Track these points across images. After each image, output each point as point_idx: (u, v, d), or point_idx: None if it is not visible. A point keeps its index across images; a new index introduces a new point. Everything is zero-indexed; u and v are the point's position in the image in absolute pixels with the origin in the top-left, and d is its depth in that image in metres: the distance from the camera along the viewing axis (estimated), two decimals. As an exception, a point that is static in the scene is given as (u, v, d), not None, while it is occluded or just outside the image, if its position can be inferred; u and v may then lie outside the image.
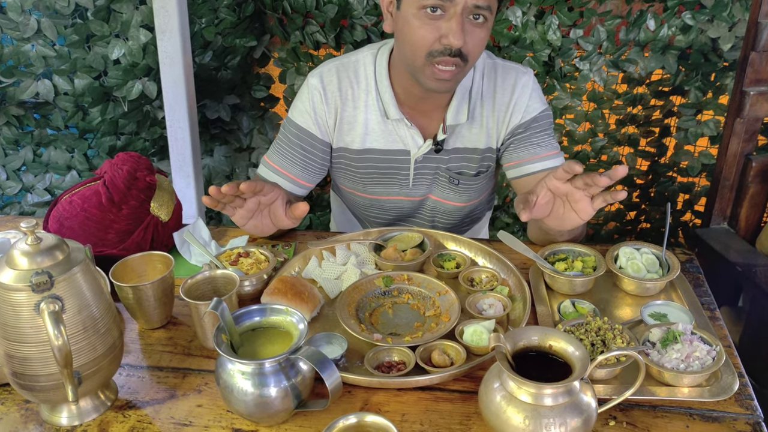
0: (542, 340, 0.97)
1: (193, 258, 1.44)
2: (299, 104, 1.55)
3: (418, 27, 1.32)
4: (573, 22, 2.26)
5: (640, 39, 2.28)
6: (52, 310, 0.90)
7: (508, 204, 2.65)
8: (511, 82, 1.52)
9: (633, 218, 2.68)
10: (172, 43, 2.17)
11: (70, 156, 2.53)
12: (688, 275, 1.36)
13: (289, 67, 2.44)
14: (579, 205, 1.23)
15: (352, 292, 1.27)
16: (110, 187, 1.40)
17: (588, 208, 1.22)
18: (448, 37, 1.30)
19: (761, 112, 1.86)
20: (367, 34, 2.33)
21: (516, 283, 1.31)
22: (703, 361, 1.05)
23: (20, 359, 0.96)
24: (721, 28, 2.21)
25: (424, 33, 1.32)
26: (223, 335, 0.99)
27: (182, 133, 2.29)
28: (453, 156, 1.55)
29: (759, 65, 1.81)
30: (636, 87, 2.39)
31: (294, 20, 2.34)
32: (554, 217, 1.28)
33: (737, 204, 2.00)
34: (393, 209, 1.66)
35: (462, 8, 1.28)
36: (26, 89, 2.33)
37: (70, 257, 0.97)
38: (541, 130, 1.54)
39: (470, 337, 1.14)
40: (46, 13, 2.22)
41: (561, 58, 2.33)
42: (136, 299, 1.19)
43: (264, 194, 1.31)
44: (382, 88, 1.50)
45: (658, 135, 2.49)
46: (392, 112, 1.49)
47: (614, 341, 1.08)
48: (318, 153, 1.56)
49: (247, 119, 2.56)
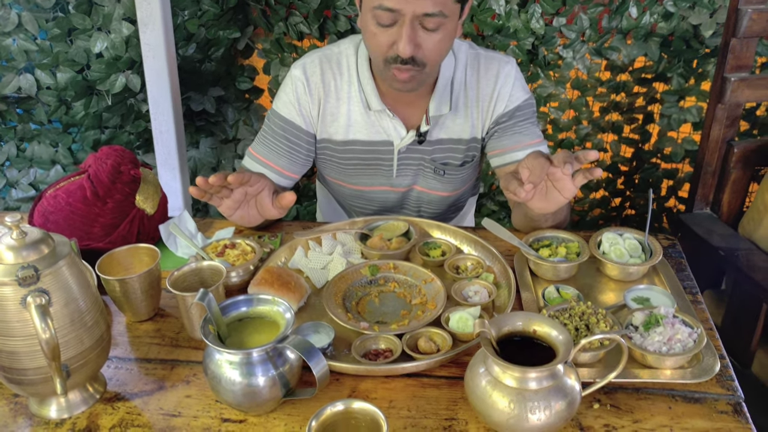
0: (526, 325, 0.98)
1: (179, 250, 1.45)
2: (283, 95, 1.55)
3: (372, 34, 1.34)
4: (556, 10, 2.27)
5: (622, 27, 2.29)
6: (39, 303, 0.90)
7: (494, 191, 2.66)
8: (494, 72, 1.52)
9: (618, 205, 2.70)
10: (155, 35, 2.16)
11: (54, 150, 2.51)
12: (671, 260, 1.38)
13: (273, 58, 2.44)
14: (560, 184, 1.23)
15: (338, 281, 1.28)
16: (95, 181, 1.40)
17: (569, 185, 1.22)
18: (398, 46, 1.31)
19: (742, 98, 1.88)
20: (350, 24, 2.33)
21: (501, 269, 1.32)
22: (684, 343, 1.07)
23: (8, 353, 0.96)
24: (703, 14, 2.23)
25: (377, 40, 1.34)
26: (210, 326, 1.00)
27: (167, 126, 2.28)
28: (437, 147, 1.56)
29: (740, 51, 1.82)
30: (619, 74, 2.41)
31: (277, 11, 2.34)
32: (539, 198, 1.27)
33: (719, 189, 2.02)
34: (378, 200, 1.67)
35: (410, 19, 1.29)
36: (8, 84, 2.31)
37: (56, 251, 0.97)
38: (525, 118, 1.55)
39: (456, 323, 1.15)
40: (27, 7, 2.20)
41: (544, 47, 2.34)
42: (123, 292, 1.20)
43: (251, 185, 1.31)
44: (364, 80, 1.50)
45: (642, 122, 2.51)
46: (374, 103, 1.50)
47: (598, 325, 1.10)
48: (303, 144, 1.56)
49: (232, 111, 2.56)
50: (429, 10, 1.28)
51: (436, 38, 1.33)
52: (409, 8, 1.27)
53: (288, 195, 1.31)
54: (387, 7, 1.28)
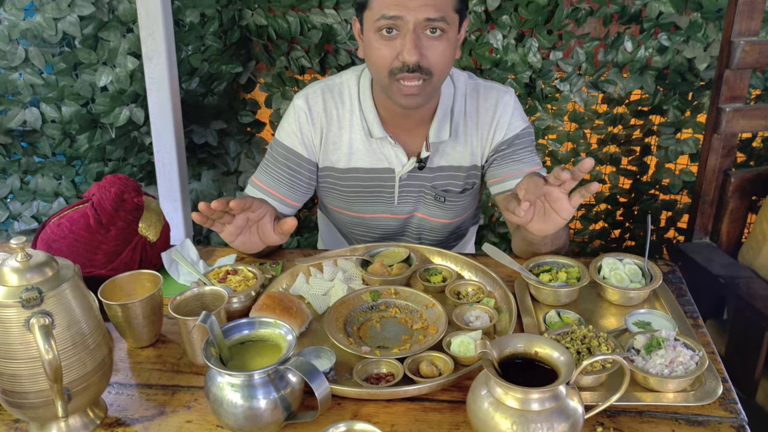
0: (528, 347, 0.98)
1: (181, 277, 1.45)
2: (286, 125, 1.58)
3: (377, 48, 1.37)
4: (552, 44, 2.31)
5: (618, 60, 2.34)
6: (43, 324, 0.91)
7: (494, 223, 2.68)
8: (493, 101, 1.55)
9: (618, 236, 2.71)
10: (159, 69, 2.20)
11: (58, 183, 2.53)
12: (671, 285, 1.38)
13: (274, 91, 2.48)
14: (558, 204, 1.24)
15: (339, 306, 1.28)
16: (98, 209, 1.41)
17: (566, 205, 1.24)
18: (403, 53, 1.34)
19: (737, 128, 1.91)
20: (351, 58, 2.37)
21: (502, 295, 1.32)
22: (686, 366, 1.07)
23: (9, 376, 0.96)
24: (697, 48, 2.28)
25: (382, 53, 1.37)
26: (212, 348, 1.00)
27: (169, 158, 2.31)
28: (438, 174, 1.58)
29: (734, 83, 1.86)
30: (616, 107, 2.44)
31: (279, 46, 2.38)
32: (537, 221, 1.29)
33: (718, 219, 2.04)
34: (380, 227, 1.68)
35: (413, 24, 1.33)
36: (13, 117, 2.34)
37: (60, 274, 0.98)
38: (524, 146, 1.57)
39: (457, 347, 1.15)
40: (34, 42, 2.24)
41: (542, 80, 2.38)
42: (125, 317, 1.20)
43: (252, 210, 1.32)
44: (365, 108, 1.53)
45: (639, 153, 2.53)
46: (376, 130, 1.52)
47: (599, 349, 1.10)
48: (305, 172, 1.58)
49: (234, 144, 2.58)
50: (431, 15, 1.32)
51: (441, 46, 1.36)
52: (410, 15, 1.31)
53: (289, 220, 1.32)
54: (389, 16, 1.32)
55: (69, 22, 2.21)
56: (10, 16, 2.20)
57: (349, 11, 2.29)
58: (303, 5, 2.30)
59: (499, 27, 2.30)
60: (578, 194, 1.21)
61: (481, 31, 2.32)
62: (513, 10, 2.27)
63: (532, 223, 1.30)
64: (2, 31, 2.21)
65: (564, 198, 1.23)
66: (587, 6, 2.27)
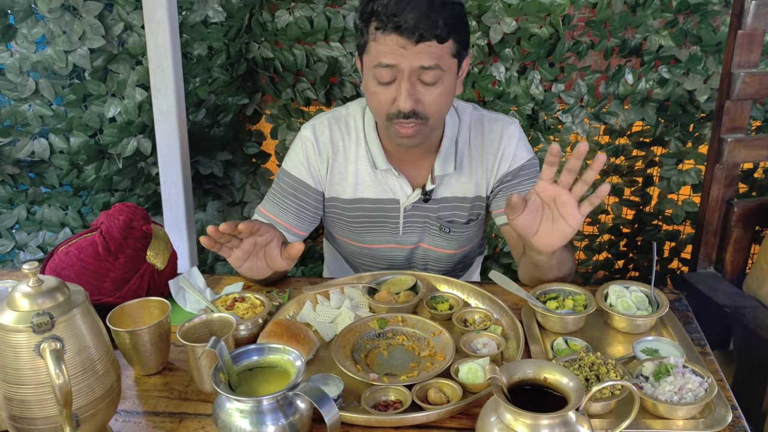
0: (537, 373, 0.98)
1: (188, 305, 1.45)
2: (293, 155, 1.59)
3: (374, 92, 1.40)
4: (554, 76, 2.34)
5: (619, 92, 2.37)
6: (54, 349, 0.91)
7: (498, 254, 2.68)
8: (498, 132, 1.57)
9: (621, 267, 2.71)
10: (167, 101, 2.23)
11: (64, 213, 2.55)
12: (677, 313, 1.39)
13: (280, 123, 2.51)
14: (566, 210, 1.24)
15: (347, 334, 1.28)
16: (107, 237, 1.42)
17: (575, 212, 1.24)
18: (398, 101, 1.37)
19: (739, 158, 1.92)
20: (356, 90, 2.41)
21: (509, 322, 1.32)
22: (696, 392, 1.07)
23: (18, 402, 0.96)
24: (697, 80, 2.31)
25: (379, 98, 1.39)
26: (221, 374, 1.00)
27: (176, 189, 2.33)
28: (442, 205, 1.59)
29: (734, 113, 1.88)
30: (618, 138, 2.47)
31: (285, 78, 2.42)
32: (545, 232, 1.28)
33: (722, 248, 2.04)
34: (386, 257, 1.68)
35: (408, 72, 1.34)
36: (22, 148, 2.37)
37: (71, 299, 0.99)
38: (529, 177, 1.59)
39: (466, 374, 1.15)
40: (44, 74, 2.28)
41: (544, 112, 2.41)
42: (133, 344, 1.20)
43: (260, 234, 1.33)
44: (370, 140, 1.55)
45: (642, 184, 2.55)
46: (380, 162, 1.54)
47: (608, 375, 1.10)
48: (311, 202, 1.60)
49: (240, 174, 2.61)
50: (425, 63, 1.33)
51: (435, 92, 1.38)
52: (405, 63, 1.33)
53: (296, 244, 1.33)
54: (385, 64, 1.34)
55: (79, 55, 2.25)
56: (21, 49, 2.24)
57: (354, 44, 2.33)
58: (309, 38, 2.34)
59: (501, 60, 2.34)
60: (588, 202, 1.22)
61: (484, 63, 2.36)
62: (515, 44, 2.31)
63: (539, 235, 1.29)
64: (14, 63, 2.25)
65: (572, 203, 1.23)
66: (588, 39, 2.31)
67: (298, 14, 2.31)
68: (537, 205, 1.28)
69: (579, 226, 1.27)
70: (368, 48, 1.38)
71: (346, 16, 2.32)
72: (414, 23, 1.30)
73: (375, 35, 1.35)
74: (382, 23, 1.33)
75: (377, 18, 1.34)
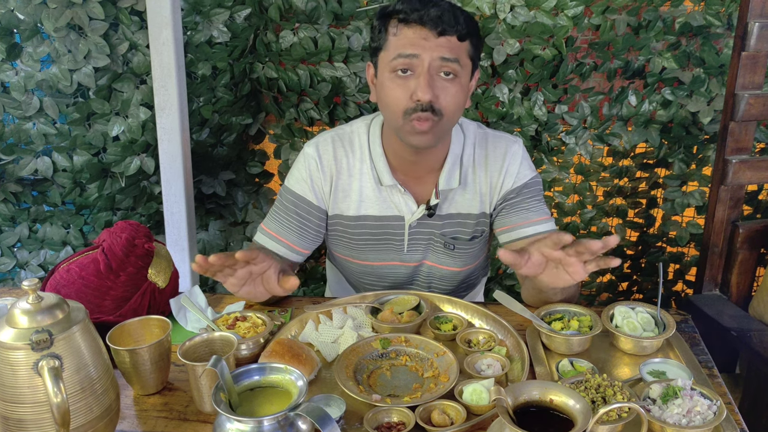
0: (543, 395, 0.96)
1: (189, 324, 1.44)
2: (296, 172, 1.59)
3: (391, 89, 1.41)
4: (558, 98, 2.35)
5: (622, 114, 2.37)
6: (52, 366, 0.90)
7: (501, 276, 2.67)
8: (502, 150, 1.57)
9: (625, 289, 2.69)
10: (171, 120, 2.23)
11: (66, 232, 2.54)
12: (684, 335, 1.37)
13: (283, 143, 2.51)
14: (572, 269, 1.27)
15: (349, 354, 1.27)
16: (108, 255, 1.41)
17: (580, 270, 1.26)
18: (417, 92, 1.37)
19: (744, 179, 1.92)
20: (360, 110, 2.41)
21: (513, 343, 1.31)
22: (704, 416, 1.05)
23: (15, 421, 0.94)
24: (700, 102, 2.31)
25: (397, 93, 1.40)
26: (222, 394, 0.98)
27: (178, 208, 2.32)
28: (447, 221, 1.59)
29: (739, 134, 1.88)
30: (621, 159, 2.46)
31: (289, 98, 2.42)
32: (547, 275, 1.31)
33: (727, 270, 2.03)
34: (389, 276, 1.67)
35: (428, 64, 1.37)
36: (25, 166, 2.37)
37: (71, 316, 0.98)
38: (532, 196, 1.58)
39: (470, 396, 1.13)
40: (49, 93, 2.28)
41: (547, 133, 2.41)
42: (133, 363, 1.18)
43: (256, 263, 1.32)
44: (375, 156, 1.55)
45: (646, 206, 2.54)
46: (386, 178, 1.53)
47: (615, 397, 1.08)
48: (314, 219, 1.59)
49: (242, 194, 2.60)
50: (446, 55, 1.37)
51: (452, 89, 1.40)
52: (426, 53, 1.36)
53: (292, 279, 1.32)
54: (407, 54, 1.37)
55: (84, 74, 2.26)
56: (26, 68, 2.25)
57: (359, 65, 2.34)
58: (313, 59, 2.35)
59: (505, 81, 2.34)
60: (594, 263, 1.24)
61: (488, 85, 2.36)
62: (519, 65, 2.31)
63: (543, 276, 1.32)
64: (18, 81, 2.26)
65: (579, 264, 1.25)
66: (591, 61, 2.31)
67: (302, 35, 2.32)
68: (541, 260, 1.29)
69: (581, 279, 1.29)
70: (386, 45, 1.41)
71: (350, 37, 2.33)
72: (437, 16, 1.35)
73: (396, 29, 1.39)
74: (405, 15, 1.37)
75: (400, 12, 1.38)
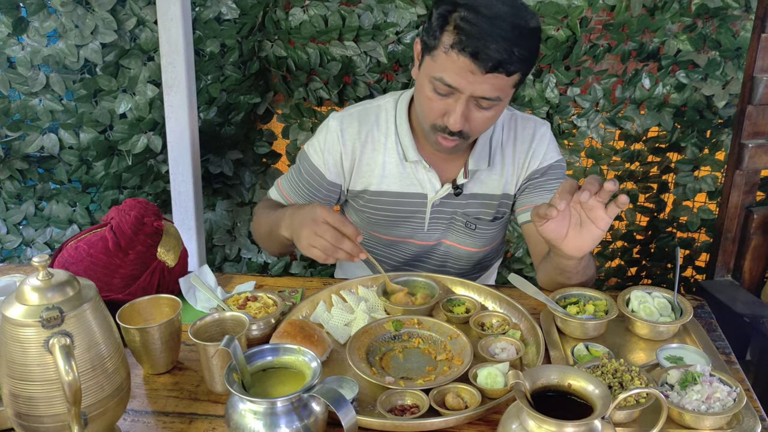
0: (561, 379, 0.95)
1: (198, 303, 1.43)
2: (315, 142, 1.59)
3: (427, 98, 1.37)
4: (570, 80, 2.31)
5: (635, 97, 2.33)
6: (63, 344, 0.88)
7: (509, 259, 2.65)
8: (531, 131, 1.57)
9: (634, 274, 2.67)
10: (179, 97, 2.20)
11: (72, 210, 2.52)
12: (701, 320, 1.35)
13: (292, 122, 2.48)
14: (594, 213, 1.24)
15: (361, 336, 1.25)
16: (117, 233, 1.39)
17: (603, 214, 1.23)
18: (449, 118, 1.35)
19: (760, 164, 1.89)
20: (370, 90, 2.38)
21: (528, 327, 1.29)
22: (724, 402, 1.03)
23: (25, 399, 0.93)
24: (715, 86, 2.27)
25: (431, 105, 1.37)
26: (235, 374, 0.97)
27: (185, 187, 2.30)
28: (471, 201, 1.58)
29: (756, 118, 1.85)
30: (633, 143, 2.43)
31: (298, 77, 2.39)
32: (573, 236, 1.28)
33: (740, 256, 2.01)
34: (404, 251, 1.67)
35: (467, 99, 1.33)
36: (31, 143, 2.34)
37: (81, 294, 0.96)
38: (556, 178, 1.58)
39: (485, 379, 1.12)
40: (56, 69, 2.25)
41: (559, 116, 2.37)
42: (143, 342, 1.17)
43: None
44: (401, 131, 1.53)
45: (657, 191, 2.51)
46: (411, 154, 1.52)
47: (632, 383, 1.06)
48: (323, 191, 1.59)
49: (250, 174, 2.58)
50: (487, 95, 1.32)
51: (487, 115, 1.37)
52: (468, 89, 1.31)
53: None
54: (447, 83, 1.31)
55: (91, 50, 2.23)
56: (33, 42, 2.22)
57: (369, 44, 2.30)
58: (323, 37, 2.31)
59: (517, 62, 2.30)
60: (613, 205, 1.21)
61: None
62: (531, 46, 2.27)
63: (568, 240, 1.28)
64: (25, 57, 2.22)
65: (600, 206, 1.22)
66: (605, 43, 2.27)
67: (312, 12, 2.29)
68: (564, 215, 1.26)
69: (607, 228, 1.26)
70: (435, 54, 1.32)
71: (361, 15, 2.28)
72: (492, 54, 1.25)
73: (448, 49, 1.28)
74: (461, 44, 1.26)
75: (458, 33, 1.27)
